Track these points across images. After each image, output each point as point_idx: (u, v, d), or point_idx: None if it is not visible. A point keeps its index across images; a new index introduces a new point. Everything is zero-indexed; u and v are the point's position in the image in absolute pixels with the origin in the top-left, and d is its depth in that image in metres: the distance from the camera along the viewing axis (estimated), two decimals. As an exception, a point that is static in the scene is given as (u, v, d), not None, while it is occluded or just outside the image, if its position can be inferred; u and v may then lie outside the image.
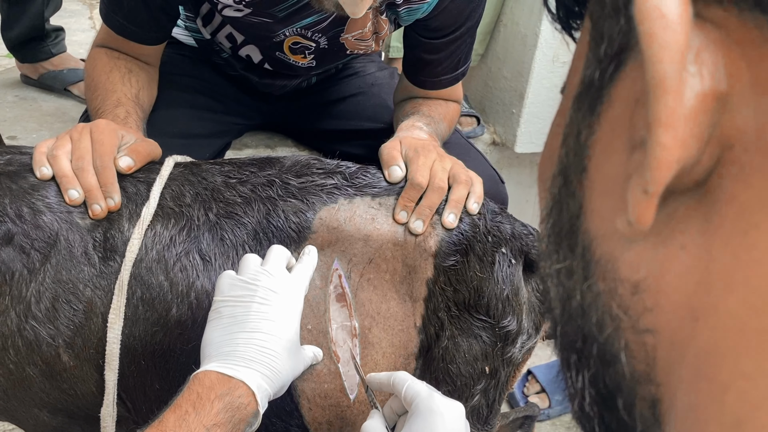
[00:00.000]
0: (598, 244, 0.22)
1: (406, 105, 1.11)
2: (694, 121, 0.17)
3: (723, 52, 0.18)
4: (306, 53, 1.09)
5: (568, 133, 0.24)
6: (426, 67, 1.08)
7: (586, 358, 0.23)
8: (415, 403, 0.62)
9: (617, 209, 0.20)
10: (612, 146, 0.21)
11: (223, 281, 0.67)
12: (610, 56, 0.21)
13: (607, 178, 0.21)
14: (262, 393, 0.62)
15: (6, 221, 0.70)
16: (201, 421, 0.57)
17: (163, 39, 1.02)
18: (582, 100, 0.23)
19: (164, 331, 0.72)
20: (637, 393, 0.21)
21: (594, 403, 0.23)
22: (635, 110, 0.20)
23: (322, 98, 1.31)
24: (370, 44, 1.10)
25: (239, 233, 0.75)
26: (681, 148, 0.17)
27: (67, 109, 1.66)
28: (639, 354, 0.21)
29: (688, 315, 0.19)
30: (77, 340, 0.71)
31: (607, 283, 0.22)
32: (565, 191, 0.24)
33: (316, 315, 0.74)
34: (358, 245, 0.76)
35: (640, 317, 0.20)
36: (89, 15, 2.26)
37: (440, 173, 0.79)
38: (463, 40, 1.06)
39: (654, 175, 0.18)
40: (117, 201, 0.74)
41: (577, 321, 0.23)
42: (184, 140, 1.08)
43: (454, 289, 0.76)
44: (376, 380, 0.69)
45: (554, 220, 0.25)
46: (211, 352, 0.63)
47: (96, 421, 0.74)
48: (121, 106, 0.90)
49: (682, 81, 0.17)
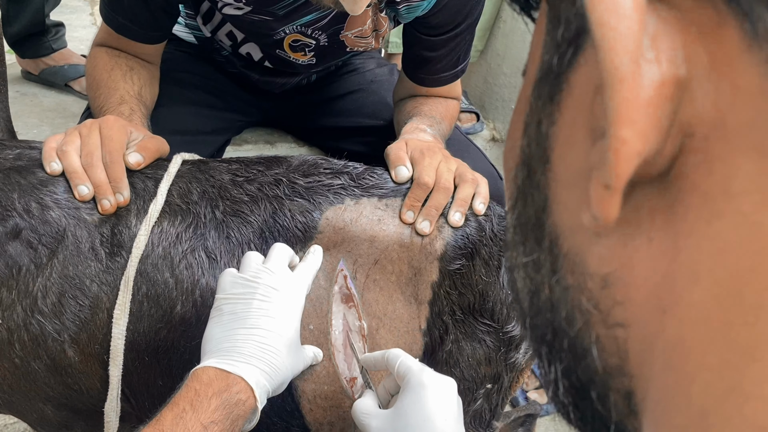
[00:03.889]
0: (566, 238, 0.21)
1: (407, 105, 1.12)
2: (653, 110, 0.17)
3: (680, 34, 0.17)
4: (306, 51, 1.10)
5: (529, 122, 0.23)
6: (426, 64, 1.08)
7: (557, 351, 0.23)
8: (406, 378, 0.62)
9: (582, 202, 0.19)
10: (574, 136, 0.20)
11: (225, 279, 0.67)
12: (568, 40, 0.20)
13: (571, 170, 0.21)
14: (261, 389, 0.62)
15: (14, 216, 0.70)
16: (198, 419, 0.57)
17: (163, 38, 1.03)
18: (541, 87, 0.22)
19: (168, 327, 0.73)
20: (611, 385, 0.21)
21: (567, 393, 0.23)
22: (595, 99, 0.19)
23: (322, 95, 1.31)
24: (370, 41, 1.10)
25: (245, 231, 0.75)
26: (641, 141, 0.17)
27: (68, 105, 1.66)
28: (611, 348, 0.20)
29: (656, 308, 0.18)
30: (82, 335, 0.71)
31: (575, 277, 0.21)
32: (528, 183, 0.23)
33: (319, 315, 0.74)
34: (364, 246, 0.76)
35: (611, 311, 0.20)
36: (90, 11, 2.26)
37: (446, 174, 0.80)
38: (462, 37, 1.06)
39: (615, 170, 0.17)
40: (126, 196, 0.75)
41: (546, 315, 0.23)
42: (186, 137, 1.08)
43: (459, 293, 0.76)
44: (370, 359, 0.69)
45: (519, 212, 0.24)
46: (211, 348, 0.63)
47: (99, 416, 0.75)
48: (125, 103, 0.90)
49: (639, 70, 0.16)
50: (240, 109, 1.28)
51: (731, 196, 0.16)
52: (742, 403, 0.16)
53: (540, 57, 0.22)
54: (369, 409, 0.64)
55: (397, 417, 0.61)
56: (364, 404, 0.65)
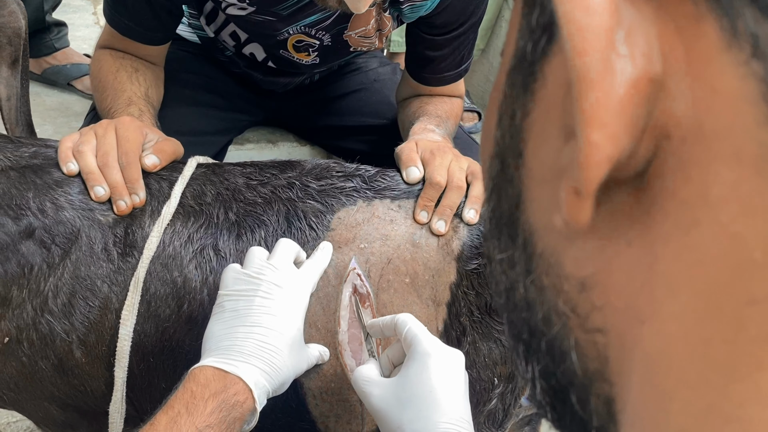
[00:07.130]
0: (540, 237, 0.20)
1: (411, 104, 1.11)
2: (626, 111, 0.15)
3: (656, 28, 0.15)
4: (310, 51, 1.10)
5: (503, 112, 0.21)
6: (429, 64, 1.08)
7: (534, 351, 0.22)
8: (413, 347, 0.60)
9: (555, 202, 0.18)
10: (547, 131, 0.19)
11: (228, 275, 0.66)
12: (542, 26, 0.18)
13: (544, 166, 0.19)
14: (260, 390, 0.60)
15: (28, 215, 0.70)
16: (193, 423, 0.55)
17: (167, 39, 1.03)
18: (515, 76, 0.20)
19: (175, 327, 0.73)
20: (592, 390, 0.19)
21: (545, 393, 0.22)
22: (567, 93, 0.17)
23: (325, 95, 1.31)
24: (373, 41, 1.10)
25: (257, 232, 0.75)
26: (612, 144, 0.16)
27: (71, 104, 1.67)
28: (591, 353, 0.19)
29: (634, 317, 0.17)
30: (91, 336, 0.71)
31: (551, 278, 0.20)
32: (502, 177, 0.22)
33: (327, 313, 0.74)
34: (377, 244, 0.76)
35: (589, 315, 0.19)
36: (92, 10, 2.26)
37: (458, 173, 0.79)
38: (466, 36, 1.06)
39: (584, 175, 0.16)
40: (142, 197, 0.75)
41: (522, 313, 0.22)
42: (190, 137, 1.08)
43: (476, 292, 0.76)
44: (377, 324, 0.66)
45: (494, 205, 0.23)
46: (211, 346, 0.62)
47: (104, 417, 0.75)
48: (134, 104, 0.90)
49: (611, 67, 0.15)
50: (243, 109, 1.29)
51: (709, 205, 0.15)
52: (722, 425, 0.15)
53: (515, 42, 0.20)
54: (371, 376, 0.62)
55: (401, 386, 0.59)
56: (367, 371, 0.62)
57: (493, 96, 0.23)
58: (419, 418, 0.57)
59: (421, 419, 0.57)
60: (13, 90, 0.96)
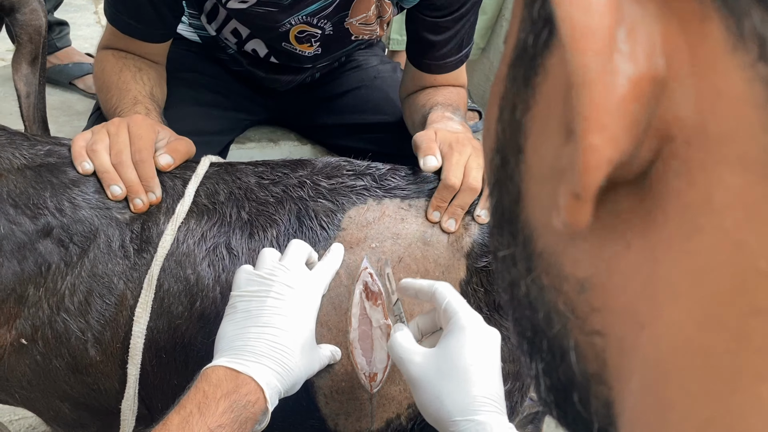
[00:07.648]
0: (539, 236, 0.20)
1: (418, 97, 1.10)
2: (627, 112, 0.15)
3: (660, 26, 0.15)
4: (312, 41, 1.09)
5: (504, 105, 0.21)
6: (431, 49, 1.07)
7: (538, 349, 0.21)
8: (453, 319, 0.61)
9: (554, 201, 0.17)
10: (548, 127, 0.18)
11: (240, 276, 0.67)
12: (544, 18, 0.18)
13: (544, 163, 0.19)
14: (272, 390, 0.60)
15: (46, 214, 0.71)
16: (206, 423, 0.55)
17: (168, 36, 1.02)
18: (517, 69, 0.20)
19: (187, 324, 0.74)
20: (591, 391, 0.19)
21: (549, 391, 0.22)
22: (567, 93, 0.16)
23: (326, 92, 1.31)
24: (374, 28, 1.10)
25: (269, 231, 0.76)
26: (612, 147, 0.15)
27: (73, 103, 1.67)
28: (589, 355, 0.19)
29: (634, 321, 0.17)
30: (106, 334, 0.72)
31: (551, 278, 0.19)
32: (503, 172, 0.21)
33: (338, 312, 0.74)
34: (388, 243, 0.76)
35: (588, 317, 0.18)
36: (94, 10, 2.26)
37: (474, 171, 0.78)
38: (467, 18, 1.05)
39: (583, 178, 0.16)
40: (158, 195, 0.75)
41: (525, 311, 0.21)
42: (192, 137, 1.08)
43: (486, 290, 0.77)
44: (413, 286, 0.66)
45: (496, 201, 0.22)
46: (223, 346, 0.63)
47: (115, 417, 0.75)
48: (140, 103, 0.90)
49: (612, 66, 0.15)
50: (245, 108, 1.29)
51: (713, 211, 0.15)
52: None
53: (517, 33, 0.20)
54: (411, 344, 0.62)
55: (443, 358, 0.59)
56: (406, 339, 0.62)
57: (495, 88, 0.22)
58: (458, 391, 0.58)
59: (460, 392, 0.58)
60: (32, 87, 0.96)
